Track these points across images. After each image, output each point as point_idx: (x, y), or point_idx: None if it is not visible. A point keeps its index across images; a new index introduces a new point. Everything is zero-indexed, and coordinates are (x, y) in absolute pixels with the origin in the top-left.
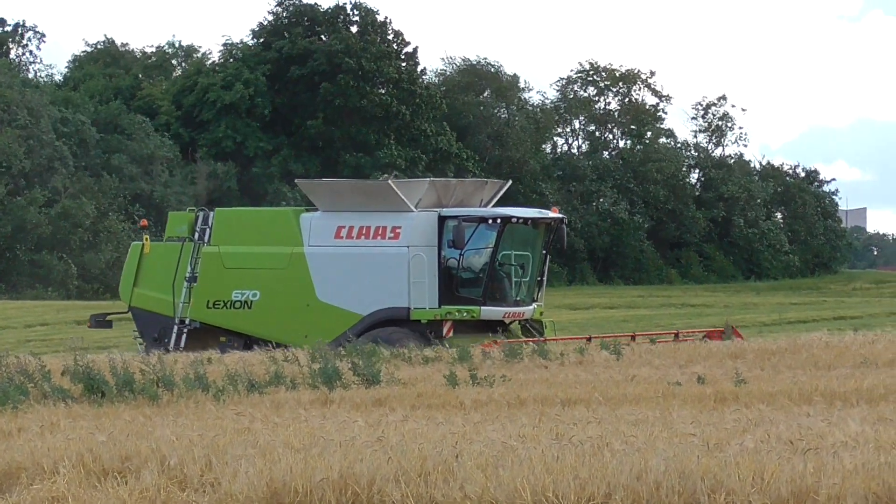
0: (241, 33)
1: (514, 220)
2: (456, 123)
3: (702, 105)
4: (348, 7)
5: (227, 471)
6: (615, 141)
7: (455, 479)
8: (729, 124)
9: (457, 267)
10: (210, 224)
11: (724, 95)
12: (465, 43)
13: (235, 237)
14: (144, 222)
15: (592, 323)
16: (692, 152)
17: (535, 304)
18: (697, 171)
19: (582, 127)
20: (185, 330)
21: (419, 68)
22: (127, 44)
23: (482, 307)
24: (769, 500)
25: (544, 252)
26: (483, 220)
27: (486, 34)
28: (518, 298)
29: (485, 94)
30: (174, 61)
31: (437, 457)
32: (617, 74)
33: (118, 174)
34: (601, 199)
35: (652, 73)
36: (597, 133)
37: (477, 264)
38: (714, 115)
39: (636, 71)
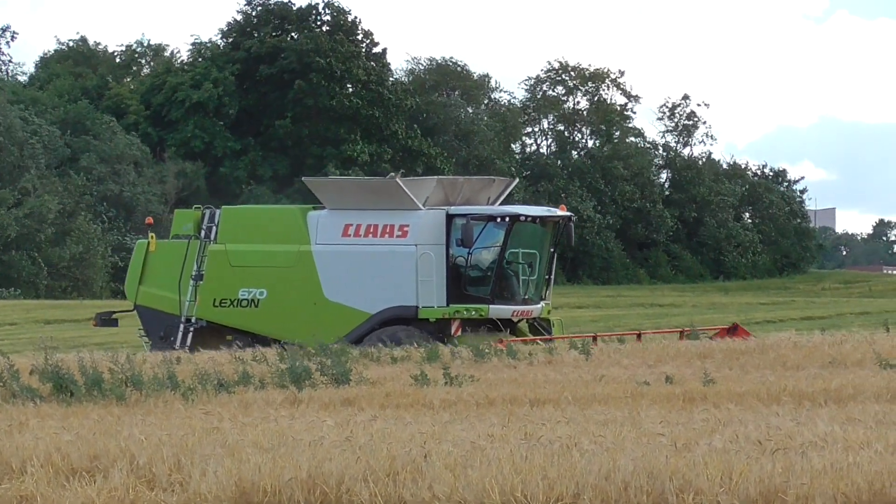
0: (211, 32)
1: (522, 218)
2: (424, 123)
3: (668, 105)
4: (320, 6)
5: (196, 470)
6: (584, 140)
7: (424, 478)
8: (696, 123)
9: (465, 265)
10: (216, 222)
11: (687, 95)
12: (435, 43)
13: (242, 235)
14: (150, 220)
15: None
16: (661, 152)
17: (543, 303)
18: (667, 170)
19: (551, 126)
20: (192, 328)
21: (388, 68)
22: (99, 42)
23: (490, 306)
24: (738, 501)
25: (552, 250)
26: (492, 218)
27: (456, 34)
28: (526, 297)
29: (454, 94)
30: (143, 60)
31: (406, 456)
32: (586, 74)
33: (87, 174)
34: (567, 198)
35: (621, 73)
36: (566, 133)
37: (485, 263)
38: (681, 114)
39: (605, 70)
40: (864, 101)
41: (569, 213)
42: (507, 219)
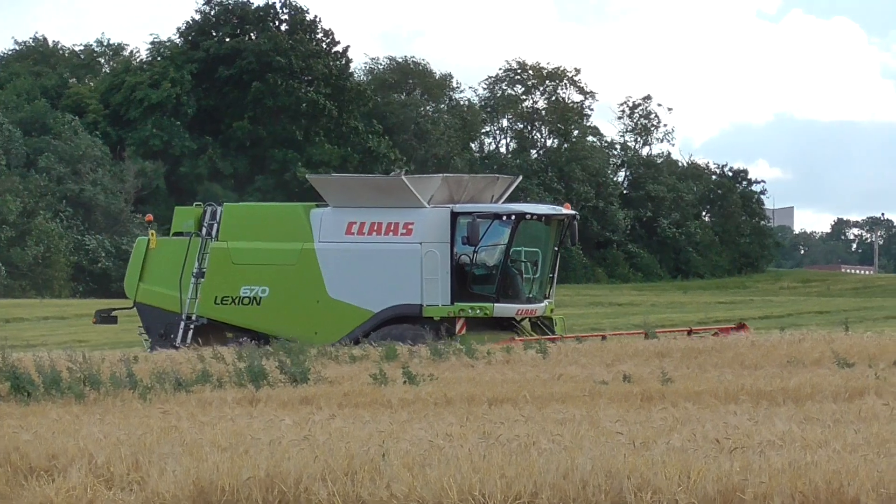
0: (169, 31)
1: (528, 216)
2: (383, 122)
3: (628, 104)
4: (278, 5)
5: (154, 469)
6: (542, 139)
7: (382, 478)
8: (655, 123)
9: (470, 263)
10: (218, 219)
11: (648, 95)
12: (398, 41)
13: (244, 233)
14: (150, 217)
15: None
16: (619, 151)
17: (546, 301)
18: (625, 169)
19: (510, 125)
20: (192, 326)
21: (349, 67)
22: (58, 42)
23: (495, 304)
24: (696, 499)
25: (556, 249)
26: (497, 216)
27: (419, 33)
28: (530, 295)
29: (414, 93)
30: (102, 60)
31: (364, 456)
32: (544, 73)
33: (46, 174)
34: (527, 197)
35: (577, 71)
36: (524, 131)
37: (490, 261)
38: (640, 114)
39: (562, 69)
40: (819, 100)
41: (573, 212)
42: (513, 217)
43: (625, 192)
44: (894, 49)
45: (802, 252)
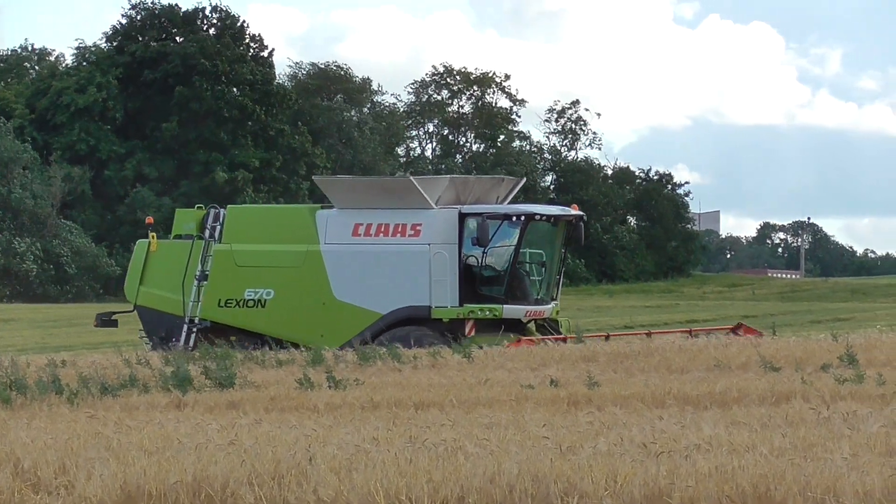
0: (95, 36)
1: (537, 217)
2: (308, 127)
3: (555, 109)
4: (207, 9)
5: (81, 474)
6: (468, 144)
7: (309, 482)
8: (582, 128)
9: (478, 265)
10: (221, 221)
11: (577, 100)
12: (321, 47)
13: (248, 235)
14: (150, 220)
15: None
16: (547, 155)
17: (553, 303)
18: (553, 174)
19: (436, 130)
20: (195, 329)
21: (273, 71)
22: None
23: (504, 306)
24: None
25: (563, 250)
26: (507, 217)
27: (342, 37)
28: (538, 297)
29: (336, 98)
30: (27, 64)
31: (291, 460)
32: (471, 78)
33: None
34: None
35: (506, 77)
36: (450, 136)
37: (499, 262)
38: (568, 118)
39: (490, 74)
40: (737, 104)
41: (581, 213)
42: (523, 218)
43: (552, 196)
44: (812, 54)
45: (729, 256)
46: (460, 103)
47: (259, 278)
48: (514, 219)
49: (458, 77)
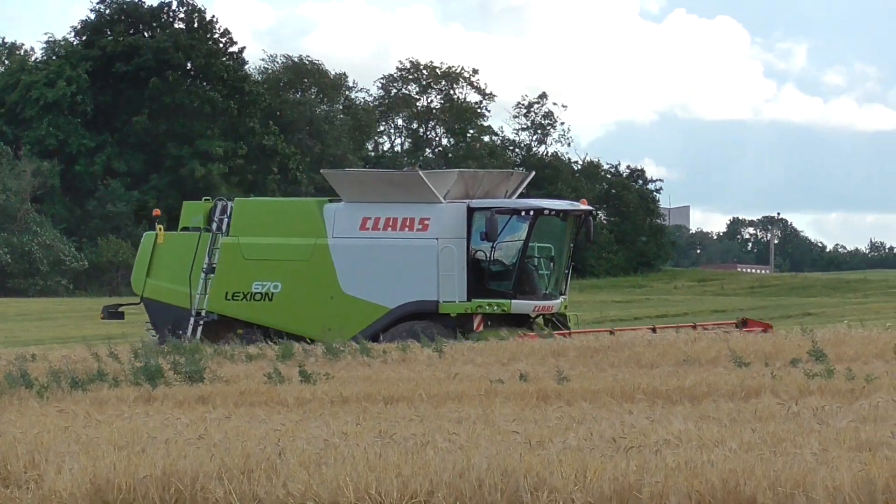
0: (64, 30)
1: (546, 212)
2: (279, 120)
3: (524, 103)
4: (174, 4)
5: (51, 468)
6: (438, 139)
7: (278, 476)
8: (551, 122)
9: (486, 259)
10: (229, 214)
11: (544, 93)
12: (288, 41)
13: (256, 228)
14: (157, 212)
15: None
16: (517, 151)
17: (562, 298)
18: (523, 169)
19: (405, 124)
20: (202, 322)
21: (245, 66)
22: None
23: (513, 301)
24: (592, 499)
25: (571, 245)
26: (516, 211)
27: (309, 31)
28: (547, 292)
29: (310, 92)
30: None
31: (261, 454)
32: (439, 72)
33: None
34: None
35: (475, 71)
36: (420, 131)
37: (507, 257)
38: (536, 112)
39: (459, 69)
40: (704, 99)
41: (590, 208)
42: (532, 212)
43: (523, 191)
44: (777, 49)
45: (699, 251)
46: (429, 98)
47: (266, 271)
48: (524, 213)
49: (426, 72)
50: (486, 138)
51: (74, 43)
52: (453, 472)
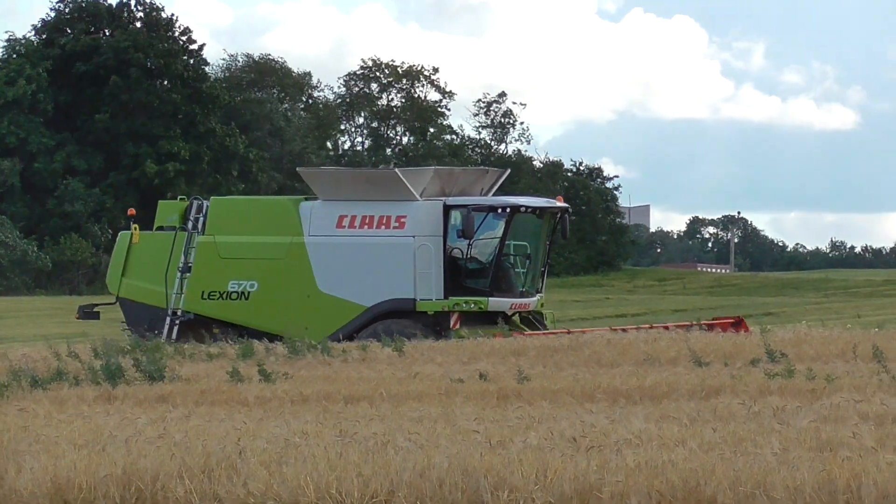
0: (25, 29)
1: (522, 209)
2: (239, 120)
3: (484, 102)
4: (133, 3)
5: (12, 467)
6: (398, 137)
7: (239, 475)
8: (511, 121)
9: (463, 257)
10: (205, 213)
11: (503, 92)
12: (246, 39)
13: (232, 226)
14: (132, 211)
15: None
16: (477, 149)
17: (538, 296)
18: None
19: (366, 123)
20: (178, 321)
21: (205, 66)
22: None
23: (490, 298)
24: (552, 498)
25: (548, 242)
26: (492, 209)
27: (267, 30)
28: (523, 289)
29: (272, 90)
30: None
31: (221, 453)
32: (399, 71)
33: None
34: None
35: (435, 70)
36: (380, 130)
37: (484, 254)
38: (496, 112)
39: (419, 67)
40: (661, 98)
41: (566, 205)
42: (508, 209)
43: (497, 189)
44: (735, 48)
45: (659, 250)
46: (390, 96)
47: (243, 270)
48: (500, 211)
49: (386, 70)
50: (448, 137)
51: (35, 41)
52: (414, 471)
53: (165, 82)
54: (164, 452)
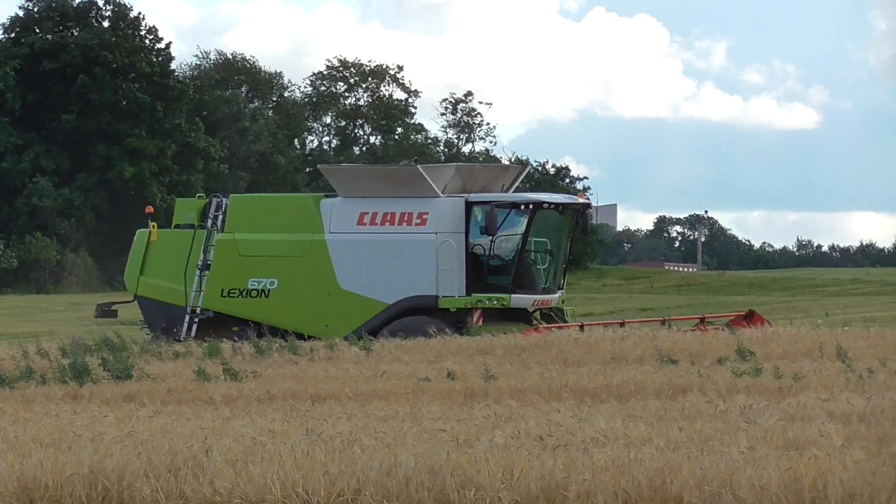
0: None
1: (545, 205)
2: (207, 118)
3: (451, 101)
4: (100, 1)
5: None
6: (365, 136)
7: (205, 474)
8: (476, 121)
9: (485, 254)
10: (224, 210)
11: (469, 91)
12: (210, 38)
13: (251, 224)
14: (150, 209)
15: None
16: (442, 148)
17: (560, 292)
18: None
19: (333, 122)
20: (197, 319)
21: (172, 64)
22: None
23: (512, 295)
24: (519, 497)
25: (569, 238)
26: (515, 205)
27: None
28: (545, 286)
29: (241, 89)
30: None
31: (187, 452)
32: (366, 70)
33: None
34: None
35: (400, 69)
36: (347, 129)
37: (506, 251)
38: (462, 111)
39: (385, 66)
40: (623, 97)
41: (587, 201)
42: (531, 206)
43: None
44: (697, 47)
45: (626, 249)
46: (356, 95)
47: (263, 268)
48: (523, 207)
49: (352, 69)
50: (417, 136)
51: (2, 40)
52: (380, 470)
53: (132, 81)
54: (130, 451)
